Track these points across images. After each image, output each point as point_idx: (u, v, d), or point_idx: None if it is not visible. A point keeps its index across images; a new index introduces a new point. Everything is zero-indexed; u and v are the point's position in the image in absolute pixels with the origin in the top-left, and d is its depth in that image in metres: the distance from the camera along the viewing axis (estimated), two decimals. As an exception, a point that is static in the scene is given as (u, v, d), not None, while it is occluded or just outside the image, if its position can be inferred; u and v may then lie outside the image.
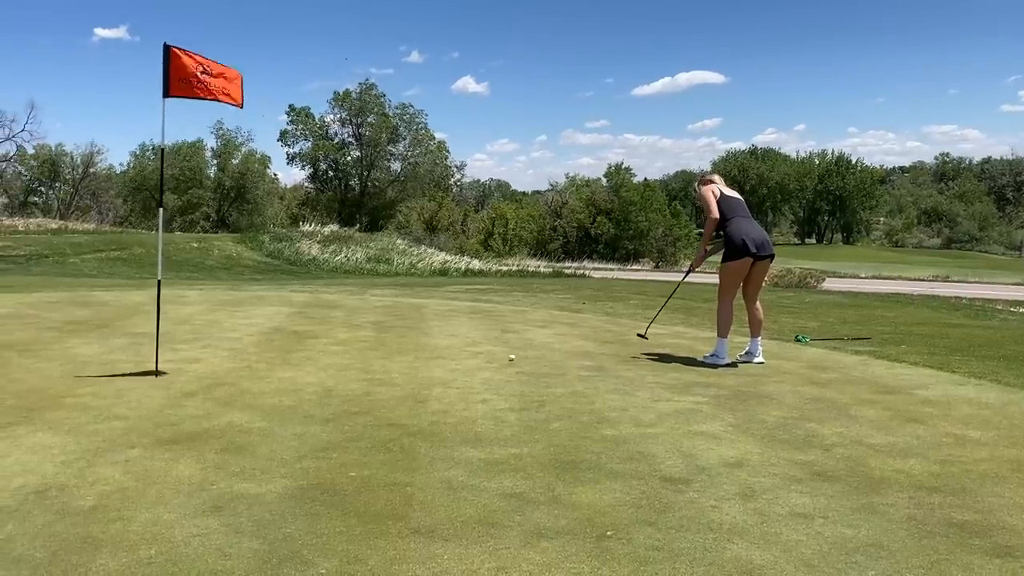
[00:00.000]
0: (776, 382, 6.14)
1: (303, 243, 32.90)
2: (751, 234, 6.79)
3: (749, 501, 3.51)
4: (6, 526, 3.07)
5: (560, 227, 55.64)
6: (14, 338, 7.36)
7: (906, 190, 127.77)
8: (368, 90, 69.62)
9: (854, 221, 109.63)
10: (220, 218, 59.96)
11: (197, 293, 12.59)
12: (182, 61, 5.86)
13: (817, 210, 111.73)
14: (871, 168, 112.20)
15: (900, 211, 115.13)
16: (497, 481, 3.70)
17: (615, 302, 12.65)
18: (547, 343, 7.87)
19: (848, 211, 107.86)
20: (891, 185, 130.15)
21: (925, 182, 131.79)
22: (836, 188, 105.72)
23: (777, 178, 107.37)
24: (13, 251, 25.65)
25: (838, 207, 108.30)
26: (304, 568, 2.77)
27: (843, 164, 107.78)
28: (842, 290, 20.47)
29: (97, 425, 4.50)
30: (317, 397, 5.33)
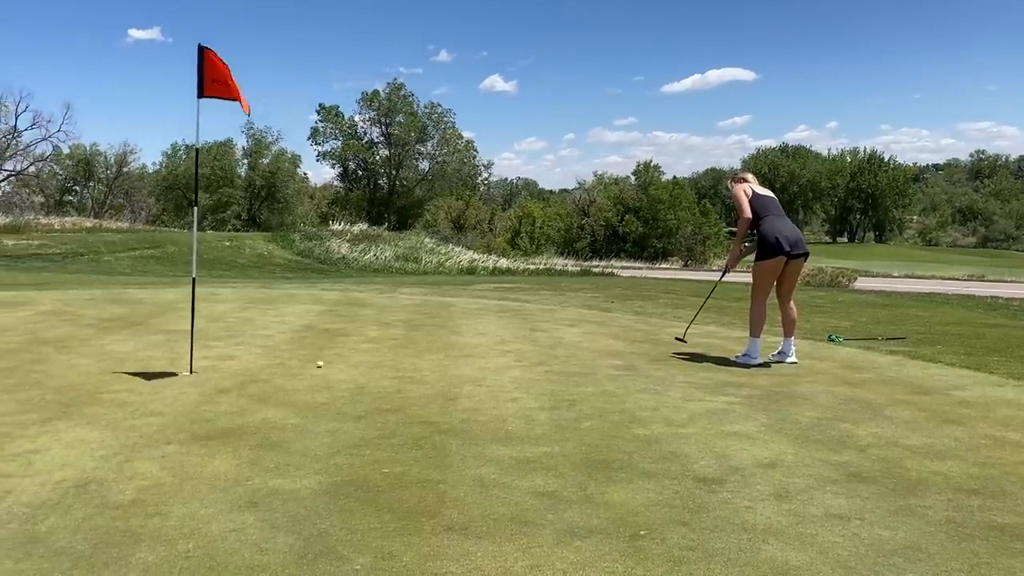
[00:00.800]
0: (809, 382, 6.08)
1: (333, 242, 33.16)
2: (784, 232, 6.72)
3: (784, 502, 3.48)
4: (48, 519, 3.12)
5: (588, 226, 55.52)
6: (52, 334, 7.49)
7: (940, 188, 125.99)
8: (397, 90, 70.00)
9: (886, 219, 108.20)
10: (251, 217, 60.55)
11: (230, 291, 12.73)
12: (216, 62, 5.93)
13: (849, 208, 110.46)
14: (904, 166, 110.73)
15: (934, 209, 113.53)
16: (529, 479, 3.70)
17: (644, 301, 12.59)
18: (576, 342, 7.86)
19: (880, 209, 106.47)
20: (925, 183, 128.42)
21: (960, 180, 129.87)
22: (868, 186, 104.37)
23: (808, 176, 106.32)
24: (50, 249, 26.11)
25: (870, 205, 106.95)
26: (339, 564, 2.79)
27: (875, 162, 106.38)
28: (875, 289, 20.21)
29: (134, 421, 4.57)
30: (349, 394, 5.37)
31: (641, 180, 65.43)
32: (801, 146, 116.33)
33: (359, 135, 71.00)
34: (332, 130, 70.56)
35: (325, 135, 70.72)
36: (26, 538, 2.94)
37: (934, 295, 16.58)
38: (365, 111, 70.35)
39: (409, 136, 69.08)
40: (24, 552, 2.83)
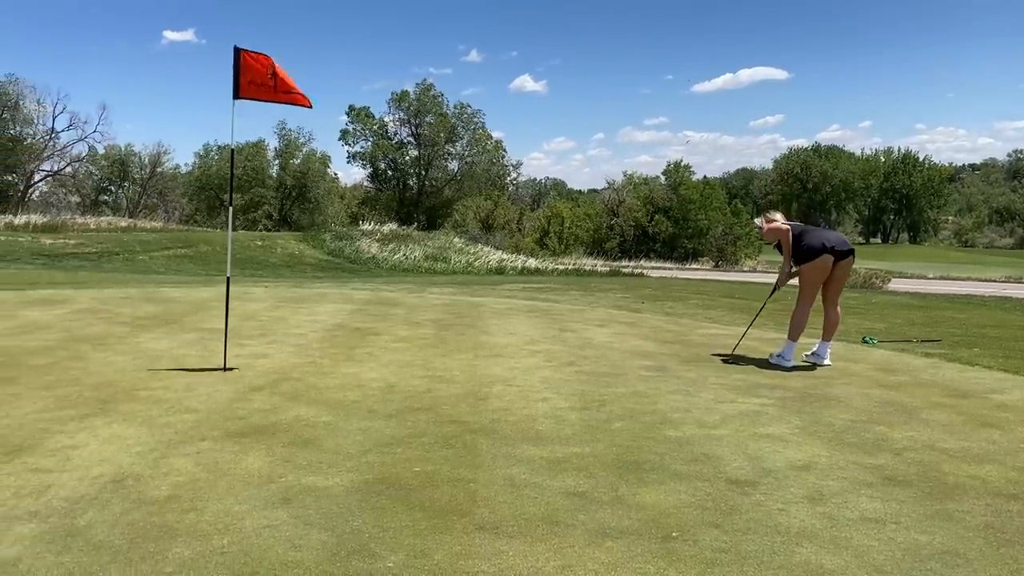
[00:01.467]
0: (843, 384, 6.00)
1: (363, 241, 33.34)
2: (826, 236, 6.80)
3: (818, 505, 3.45)
4: (87, 513, 3.17)
5: (617, 226, 55.33)
6: (89, 332, 7.61)
7: (976, 188, 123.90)
8: (426, 90, 70.18)
9: (921, 220, 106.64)
10: (282, 216, 61.08)
11: (262, 290, 12.86)
12: (251, 64, 5.99)
13: (883, 209, 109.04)
14: (939, 166, 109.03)
15: (970, 210, 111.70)
16: (560, 480, 3.69)
17: (675, 302, 12.52)
18: (606, 342, 7.83)
19: (915, 210, 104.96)
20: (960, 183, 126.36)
21: (997, 180, 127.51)
22: (903, 186, 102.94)
23: (841, 176, 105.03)
24: (86, 248, 26.53)
25: (904, 206, 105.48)
26: (372, 561, 2.80)
27: (910, 162, 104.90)
28: (909, 291, 19.92)
29: (169, 417, 4.63)
30: (380, 393, 5.40)
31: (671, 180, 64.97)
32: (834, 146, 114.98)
33: (389, 135, 71.34)
34: (362, 131, 70.96)
35: (355, 136, 71.11)
36: (65, 531, 2.99)
37: (970, 297, 16.31)
38: (395, 111, 70.66)
39: (438, 136, 69.24)
40: (64, 545, 2.87)
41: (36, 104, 54.06)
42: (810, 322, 6.92)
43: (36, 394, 5.09)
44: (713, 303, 12.47)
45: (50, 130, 55.64)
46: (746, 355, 7.21)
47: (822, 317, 6.94)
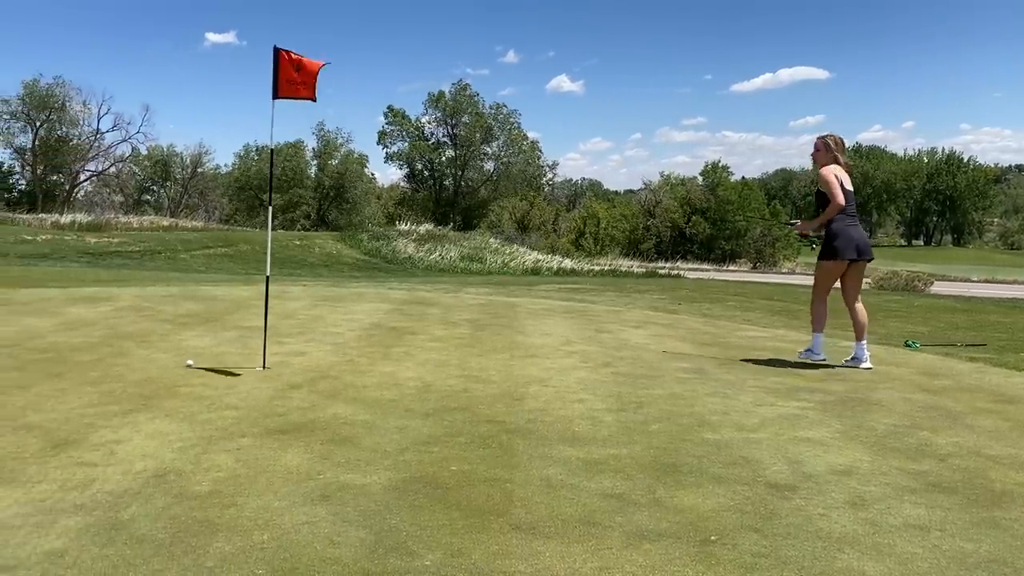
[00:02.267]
0: (885, 388, 5.90)
1: (399, 241, 33.58)
2: (856, 238, 6.68)
3: (860, 510, 3.39)
4: (130, 507, 3.23)
5: (653, 227, 55.05)
6: (132, 329, 7.75)
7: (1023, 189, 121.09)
8: (462, 90, 70.51)
9: (965, 222, 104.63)
10: (320, 216, 61.73)
11: (300, 289, 12.99)
12: (290, 63, 6.06)
13: (925, 210, 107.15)
14: (985, 167, 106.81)
15: (1016, 212, 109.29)
16: (597, 481, 3.68)
17: (712, 303, 12.42)
18: (643, 344, 7.79)
19: (959, 212, 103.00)
20: (1007, 184, 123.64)
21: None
22: (946, 188, 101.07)
23: (883, 177, 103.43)
24: (129, 247, 27.04)
25: (948, 207, 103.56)
26: (410, 559, 2.81)
27: (954, 162, 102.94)
28: (952, 294, 19.54)
29: (210, 414, 4.70)
30: (417, 392, 5.42)
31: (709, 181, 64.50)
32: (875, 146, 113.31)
33: (425, 136, 71.74)
34: (399, 132, 71.47)
35: (392, 137, 71.68)
36: (110, 525, 3.05)
37: (1016, 301, 15.94)
38: (431, 112, 71.07)
39: (474, 137, 69.51)
40: (108, 538, 2.93)
41: (82, 106, 55.40)
42: (841, 323, 6.82)
43: (82, 389, 5.20)
44: (751, 305, 12.34)
45: (95, 131, 56.93)
46: (784, 358, 7.12)
47: (849, 322, 6.87)
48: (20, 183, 56.96)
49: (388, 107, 71.68)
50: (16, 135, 54.40)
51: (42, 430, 4.26)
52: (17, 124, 53.97)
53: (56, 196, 54.92)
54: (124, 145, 58.29)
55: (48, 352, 6.40)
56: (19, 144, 54.86)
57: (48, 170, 56.13)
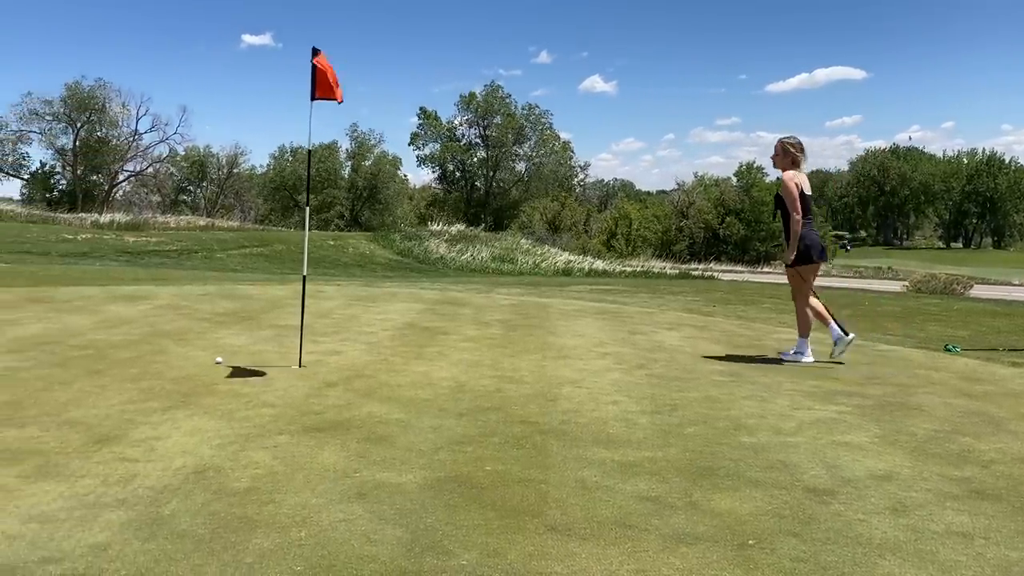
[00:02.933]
0: (925, 393, 5.81)
1: (431, 242, 33.73)
2: (816, 240, 7.17)
3: (901, 516, 3.34)
4: (170, 503, 3.28)
5: (686, 228, 54.71)
6: (171, 327, 7.86)
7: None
8: (494, 92, 70.56)
9: (1006, 224, 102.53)
10: (353, 217, 62.19)
11: (334, 289, 13.09)
12: (327, 65, 6.11)
13: (965, 212, 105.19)
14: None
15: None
16: (632, 483, 3.66)
17: (747, 306, 12.30)
18: (677, 346, 7.74)
19: (999, 214, 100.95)
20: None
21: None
22: (987, 189, 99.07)
23: (920, 178, 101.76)
24: (167, 246, 27.47)
25: (988, 209, 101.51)
26: (446, 558, 2.82)
27: (995, 164, 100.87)
28: (993, 297, 19.16)
29: (248, 411, 4.75)
30: (450, 392, 5.44)
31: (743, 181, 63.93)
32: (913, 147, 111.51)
33: (457, 137, 71.94)
34: (431, 133, 71.74)
35: (425, 138, 71.97)
36: (151, 520, 3.09)
37: (1060, 305, 15.59)
38: (463, 113, 71.25)
39: (506, 137, 69.52)
40: (150, 533, 2.97)
41: (121, 107, 56.39)
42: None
43: (122, 386, 5.28)
44: (787, 307, 12.18)
45: (133, 132, 57.92)
46: (821, 362, 7.03)
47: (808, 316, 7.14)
48: (61, 183, 58.12)
49: (420, 109, 72.01)
50: (58, 136, 55.60)
51: (84, 426, 4.34)
52: (59, 125, 55.14)
53: (95, 196, 55.95)
54: (162, 146, 59.32)
55: (88, 349, 6.51)
56: (61, 145, 56.02)
57: (88, 170, 57.19)
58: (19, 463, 3.70)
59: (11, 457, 3.78)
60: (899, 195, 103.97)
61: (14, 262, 17.84)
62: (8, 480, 3.48)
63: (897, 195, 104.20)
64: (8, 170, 55.69)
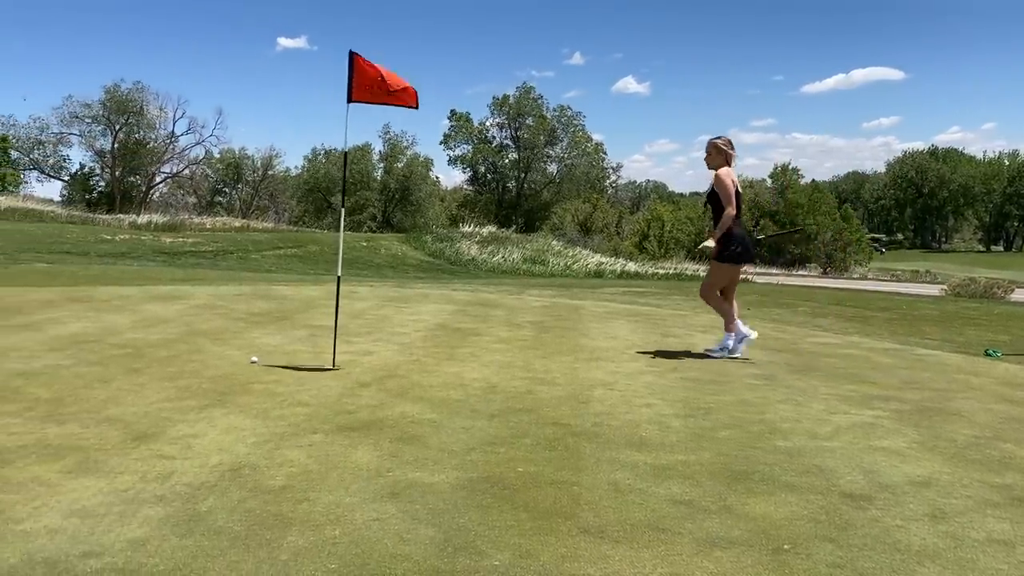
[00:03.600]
0: (964, 398, 5.70)
1: (463, 243, 33.83)
2: (748, 241, 7.29)
3: (940, 523, 3.28)
4: (207, 499, 3.32)
5: (720, 230, 54.18)
6: (207, 327, 7.97)
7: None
8: (526, 93, 70.62)
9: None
10: (385, 218, 62.59)
11: (367, 290, 13.18)
12: (364, 67, 6.14)
13: (1006, 215, 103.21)
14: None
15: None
16: (665, 487, 3.64)
17: (782, 309, 12.18)
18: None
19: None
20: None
21: None
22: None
23: (960, 180, 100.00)
24: (203, 247, 27.84)
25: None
26: (479, 558, 2.83)
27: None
28: (1035, 302, 18.75)
29: (282, 410, 4.80)
30: (482, 392, 5.44)
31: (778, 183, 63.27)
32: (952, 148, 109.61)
33: (489, 139, 72.08)
34: (463, 135, 71.96)
35: (456, 140, 72.23)
36: (188, 516, 3.14)
37: (1105, 309, 15.23)
38: (495, 115, 71.38)
39: (538, 139, 69.55)
40: (187, 529, 3.01)
41: (158, 110, 57.35)
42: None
43: (159, 384, 5.36)
44: (823, 310, 12.06)
45: (170, 134, 58.87)
46: (858, 366, 6.94)
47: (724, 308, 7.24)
48: (100, 184, 59.17)
49: (451, 111, 72.30)
50: (97, 138, 56.66)
51: (123, 423, 4.41)
52: (98, 128, 56.19)
53: (133, 197, 56.93)
54: (198, 148, 60.20)
55: (127, 348, 6.62)
56: (100, 147, 57.06)
57: (126, 172, 58.19)
58: (60, 459, 3.77)
59: (53, 453, 3.86)
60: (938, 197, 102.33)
61: (55, 262, 18.21)
62: (50, 475, 3.55)
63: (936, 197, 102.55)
64: (49, 172, 56.86)
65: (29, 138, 54.12)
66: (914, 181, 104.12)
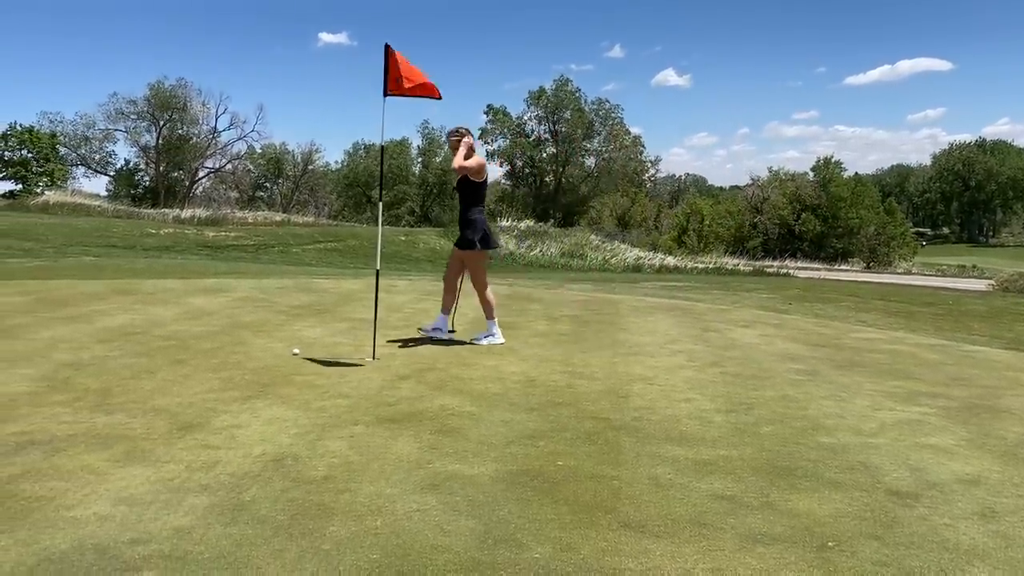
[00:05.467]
0: (1014, 396, 5.57)
1: (500, 238, 33.80)
2: (490, 231, 7.19)
3: (990, 522, 3.21)
4: (251, 489, 3.36)
5: (761, 224, 53.60)
6: (249, 319, 8.08)
7: None
8: (563, 86, 70.27)
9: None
10: (423, 213, 62.84)
11: (406, 283, 13.26)
12: (400, 61, 6.17)
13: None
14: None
15: None
16: (707, 482, 3.61)
17: (824, 304, 12.00)
18: (752, 344, 7.59)
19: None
20: None
21: None
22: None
23: (1009, 173, 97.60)
24: (245, 241, 28.21)
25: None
26: (519, 551, 2.83)
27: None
28: (1088, 297, 18.22)
29: (324, 402, 4.84)
30: (521, 386, 5.44)
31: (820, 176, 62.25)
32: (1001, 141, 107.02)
33: (526, 133, 71.94)
34: (500, 129, 71.92)
35: (493, 135, 72.20)
36: (232, 505, 3.18)
37: None
38: (532, 108, 71.19)
39: (576, 133, 69.18)
40: (231, 518, 3.06)
41: (201, 106, 58.08)
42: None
43: (204, 376, 5.45)
44: (866, 306, 11.86)
45: (213, 129, 59.61)
46: (903, 362, 6.81)
47: (449, 295, 7.20)
48: (144, 179, 60.22)
49: (488, 106, 72.21)
50: (142, 134, 57.60)
51: (168, 413, 4.49)
52: (143, 124, 57.12)
53: (177, 192, 57.82)
54: (240, 143, 60.95)
55: (172, 340, 6.74)
56: (144, 143, 58.04)
57: (170, 167, 59.11)
58: (108, 448, 3.85)
59: (101, 442, 3.94)
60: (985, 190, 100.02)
61: (102, 255, 18.60)
62: (99, 464, 3.63)
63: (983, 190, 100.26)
64: (96, 167, 57.96)
65: (76, 135, 55.23)
66: (961, 174, 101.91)
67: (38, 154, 46.34)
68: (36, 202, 36.92)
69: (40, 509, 3.09)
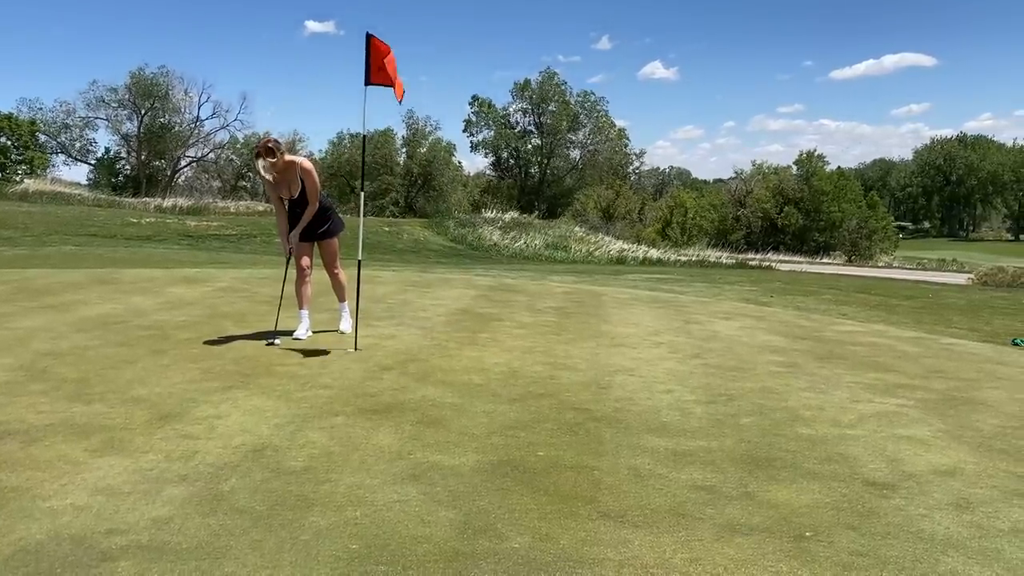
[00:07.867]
0: (991, 388, 5.63)
1: (485, 229, 33.78)
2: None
3: (964, 512, 3.25)
4: (230, 480, 3.35)
5: (744, 217, 53.85)
6: (231, 309, 8.03)
7: None
8: (549, 78, 70.23)
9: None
10: (408, 204, 62.59)
11: (390, 274, 13.22)
12: (381, 50, 6.13)
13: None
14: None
15: None
16: (686, 472, 3.63)
17: (806, 296, 12.08)
18: (733, 336, 7.63)
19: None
20: None
21: None
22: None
23: (989, 168, 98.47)
24: (227, 230, 28.02)
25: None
26: (499, 541, 2.83)
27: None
28: (1065, 292, 18.44)
29: (305, 392, 4.83)
30: (503, 377, 5.45)
31: (803, 170, 62.55)
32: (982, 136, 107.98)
33: (511, 125, 71.84)
34: (485, 120, 71.77)
35: (478, 125, 72.05)
36: (211, 495, 3.17)
37: None
38: (518, 101, 71.10)
39: (560, 125, 69.20)
40: (210, 508, 3.05)
41: (184, 94, 57.54)
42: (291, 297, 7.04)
43: (184, 366, 5.41)
44: (847, 298, 11.95)
45: (195, 118, 59.10)
46: (882, 354, 6.87)
47: (307, 287, 7.07)
48: (126, 168, 59.66)
49: (473, 96, 72.09)
50: (123, 122, 57.01)
51: (148, 403, 4.46)
52: (124, 112, 56.53)
53: (158, 181, 57.33)
54: (222, 132, 60.44)
55: (152, 329, 6.69)
56: (125, 131, 57.47)
57: (151, 156, 58.59)
58: (87, 438, 3.82)
59: (79, 432, 3.91)
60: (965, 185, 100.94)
61: (82, 244, 18.41)
62: (77, 454, 3.60)
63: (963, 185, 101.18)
64: (76, 155, 57.35)
65: (56, 122, 54.60)
66: (942, 169, 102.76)
67: (17, 141, 45.77)
68: (15, 190, 36.42)
69: (16, 499, 3.07)
